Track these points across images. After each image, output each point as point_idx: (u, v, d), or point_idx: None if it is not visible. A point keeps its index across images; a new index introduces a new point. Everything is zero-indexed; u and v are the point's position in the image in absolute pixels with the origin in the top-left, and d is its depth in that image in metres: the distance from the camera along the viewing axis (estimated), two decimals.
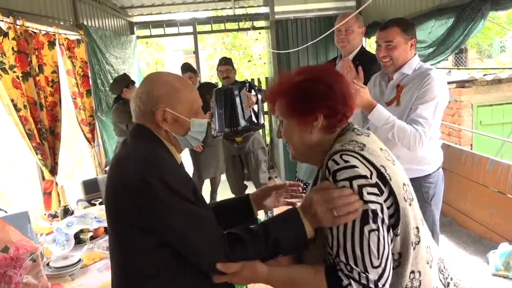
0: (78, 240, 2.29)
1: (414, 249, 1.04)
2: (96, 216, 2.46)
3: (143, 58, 11.07)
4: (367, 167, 1.00)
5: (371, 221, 0.96)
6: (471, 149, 4.66)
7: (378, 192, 0.99)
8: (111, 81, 4.57)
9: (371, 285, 0.94)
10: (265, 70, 6.91)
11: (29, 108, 2.78)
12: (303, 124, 1.11)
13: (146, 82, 1.24)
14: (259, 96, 3.80)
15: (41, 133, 2.89)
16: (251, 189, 4.19)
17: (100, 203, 2.80)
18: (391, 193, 1.01)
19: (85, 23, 4.11)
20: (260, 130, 4.06)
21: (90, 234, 2.27)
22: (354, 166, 0.99)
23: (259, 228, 1.11)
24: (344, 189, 0.99)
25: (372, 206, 0.97)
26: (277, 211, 4.21)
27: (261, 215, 4.11)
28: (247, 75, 8.82)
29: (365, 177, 0.98)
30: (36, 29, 3.02)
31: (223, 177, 4.59)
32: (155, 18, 6.19)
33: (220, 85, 4.26)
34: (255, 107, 3.74)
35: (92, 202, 2.80)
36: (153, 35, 6.20)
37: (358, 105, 1.92)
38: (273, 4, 4.99)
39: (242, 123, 3.69)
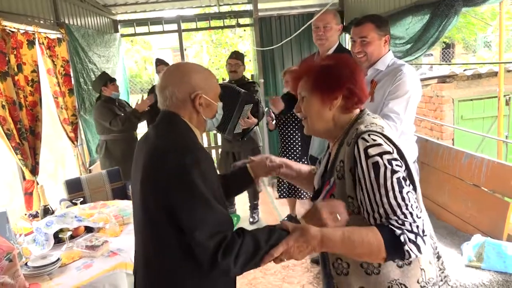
0: (58, 239, 2.29)
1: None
2: (77, 215, 2.46)
3: (131, 56, 11.01)
4: (389, 145, 1.16)
5: (404, 184, 1.13)
6: (453, 143, 4.74)
7: (400, 165, 1.15)
8: (94, 80, 4.57)
9: (421, 232, 1.09)
10: (251, 67, 6.91)
11: (7, 108, 2.76)
12: (324, 101, 1.26)
13: (179, 71, 1.33)
14: (258, 121, 3.78)
15: (20, 133, 2.88)
16: None
17: (82, 203, 2.81)
18: (407, 167, 1.17)
19: (66, 21, 4.08)
20: (258, 129, 4.04)
21: (70, 233, 2.27)
22: (380, 144, 1.15)
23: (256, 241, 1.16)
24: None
25: (401, 174, 1.13)
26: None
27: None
28: None
29: (390, 152, 1.14)
30: (15, 28, 3.00)
31: None
32: (140, 16, 6.16)
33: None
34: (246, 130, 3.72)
35: (73, 201, 2.80)
36: (138, 33, 6.17)
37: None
38: (256, 1, 5.00)
39: (228, 133, 3.64)
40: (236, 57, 3.89)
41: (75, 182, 3.43)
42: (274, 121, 3.89)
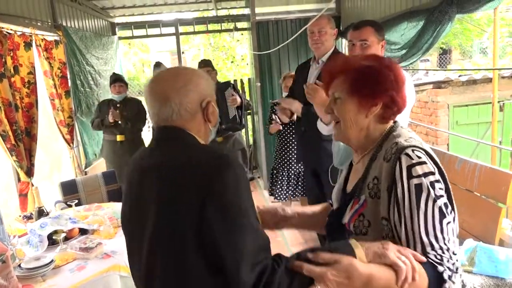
0: (52, 241, 2.29)
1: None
2: (71, 217, 2.46)
3: (129, 59, 11.02)
4: (431, 163, 1.04)
5: (446, 213, 1.01)
6: (448, 148, 4.76)
7: (442, 187, 1.03)
8: (91, 82, 4.59)
9: (455, 269, 1.00)
10: (248, 71, 6.95)
11: (3, 109, 2.77)
12: (362, 106, 1.13)
13: (180, 79, 1.11)
14: (242, 99, 3.93)
15: (16, 134, 2.88)
16: None
17: (76, 204, 2.81)
18: (447, 189, 1.06)
19: (64, 24, 4.09)
20: (243, 132, 4.18)
21: (64, 235, 2.27)
22: (425, 163, 1.02)
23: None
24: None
25: (444, 200, 1.02)
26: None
27: None
28: (231, 76, 8.85)
29: (434, 173, 1.03)
30: (12, 29, 3.01)
31: None
32: (138, 19, 6.18)
33: None
34: (239, 111, 3.86)
35: (68, 203, 2.81)
36: (135, 36, 6.19)
37: (318, 103, 1.97)
38: (254, 5, 5.02)
39: (225, 122, 3.81)
40: (205, 65, 4.02)
41: (71, 184, 3.42)
42: (281, 127, 3.95)
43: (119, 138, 4.14)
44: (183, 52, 9.66)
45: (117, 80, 4.19)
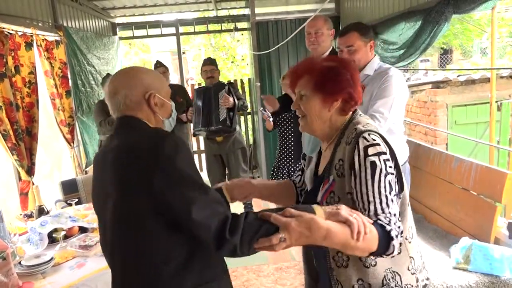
0: (52, 239, 2.32)
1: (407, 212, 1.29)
2: (71, 215, 2.49)
3: (129, 59, 11.06)
4: (383, 145, 1.22)
5: (393, 187, 1.21)
6: (447, 148, 4.78)
7: (392, 166, 1.22)
8: (92, 82, 4.62)
9: (400, 233, 1.17)
10: (248, 71, 6.97)
11: (4, 108, 2.79)
12: (325, 102, 1.29)
13: (129, 74, 1.31)
14: (236, 101, 3.93)
15: (17, 133, 2.91)
16: None
17: (76, 203, 2.83)
18: (396, 166, 1.24)
19: (65, 24, 4.12)
20: (243, 131, 4.19)
21: (64, 233, 2.30)
22: (379, 144, 1.21)
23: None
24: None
25: (392, 177, 1.21)
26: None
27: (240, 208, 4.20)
28: (231, 76, 8.88)
29: (385, 153, 1.21)
30: (13, 30, 3.04)
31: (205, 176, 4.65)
32: (139, 19, 6.21)
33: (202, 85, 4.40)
34: (230, 113, 3.87)
35: (68, 202, 2.83)
36: (136, 36, 6.22)
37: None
38: (253, 6, 5.05)
39: (215, 124, 3.83)
40: (210, 63, 4.03)
41: (71, 183, 3.45)
42: (271, 119, 3.92)
43: None
44: (183, 52, 9.69)
45: None
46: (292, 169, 4.06)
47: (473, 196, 2.52)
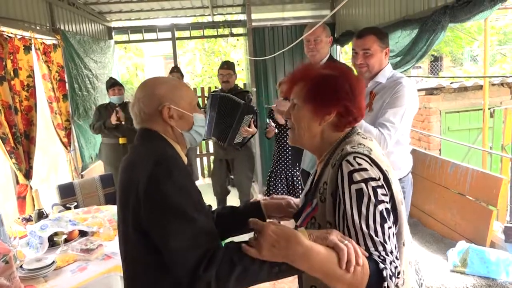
0: (52, 243, 2.31)
1: (404, 247, 1.10)
2: (71, 219, 2.49)
3: (123, 63, 11.03)
4: (375, 170, 1.05)
5: (387, 218, 1.03)
6: (440, 153, 4.86)
7: (386, 193, 1.05)
8: (89, 85, 4.62)
9: (396, 274, 1.00)
10: (243, 76, 7.00)
11: (3, 112, 2.79)
12: (316, 114, 1.14)
13: (145, 86, 1.28)
14: (256, 129, 3.74)
15: (15, 137, 2.90)
16: (233, 193, 4.27)
17: (75, 207, 2.83)
18: (392, 196, 1.07)
19: (62, 28, 4.12)
20: (252, 138, 4.03)
21: (64, 236, 2.29)
22: (366, 169, 1.03)
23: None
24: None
25: (386, 206, 1.04)
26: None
27: None
28: None
29: (376, 179, 1.04)
30: (12, 33, 3.04)
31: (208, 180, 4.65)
32: (135, 23, 6.22)
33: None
34: (245, 139, 3.70)
35: (67, 206, 2.82)
36: (132, 40, 6.22)
37: None
38: (250, 12, 5.09)
39: (228, 143, 3.63)
40: (228, 67, 3.89)
41: (68, 187, 3.44)
42: (276, 130, 3.89)
43: (121, 140, 4.15)
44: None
45: (115, 84, 4.23)
46: (289, 174, 4.09)
47: (469, 201, 2.58)
